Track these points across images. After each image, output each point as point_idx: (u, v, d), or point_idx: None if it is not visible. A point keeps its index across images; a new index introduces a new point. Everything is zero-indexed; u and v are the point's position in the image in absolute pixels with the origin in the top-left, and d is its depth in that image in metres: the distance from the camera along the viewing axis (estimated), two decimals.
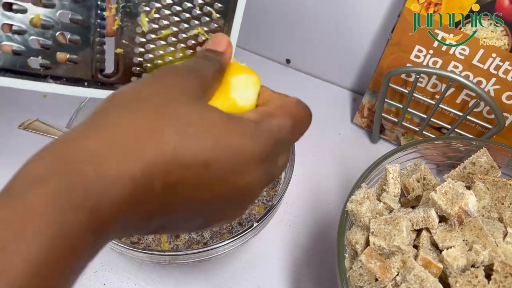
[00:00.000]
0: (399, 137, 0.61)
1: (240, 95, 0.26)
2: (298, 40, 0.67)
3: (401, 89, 0.53)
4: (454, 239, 0.35)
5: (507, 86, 0.47)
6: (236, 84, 0.26)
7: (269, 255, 0.50)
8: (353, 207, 0.37)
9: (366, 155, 0.54)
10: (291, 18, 0.64)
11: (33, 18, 0.26)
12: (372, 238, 0.35)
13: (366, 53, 0.63)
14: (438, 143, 0.45)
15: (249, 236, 0.42)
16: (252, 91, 0.27)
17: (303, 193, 0.55)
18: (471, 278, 0.32)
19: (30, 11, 0.26)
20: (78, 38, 0.27)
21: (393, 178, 0.40)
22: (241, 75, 0.27)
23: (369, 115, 0.62)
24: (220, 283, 0.48)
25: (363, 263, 0.34)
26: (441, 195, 0.35)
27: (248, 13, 0.69)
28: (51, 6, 0.26)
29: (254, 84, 0.27)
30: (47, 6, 0.26)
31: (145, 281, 0.48)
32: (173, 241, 0.45)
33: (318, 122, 0.63)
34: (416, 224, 0.36)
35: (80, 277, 0.17)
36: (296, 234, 0.52)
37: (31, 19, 0.26)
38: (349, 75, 0.67)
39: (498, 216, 0.38)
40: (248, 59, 0.75)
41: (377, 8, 0.56)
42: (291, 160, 0.46)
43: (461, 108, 0.52)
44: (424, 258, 0.34)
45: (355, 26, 0.60)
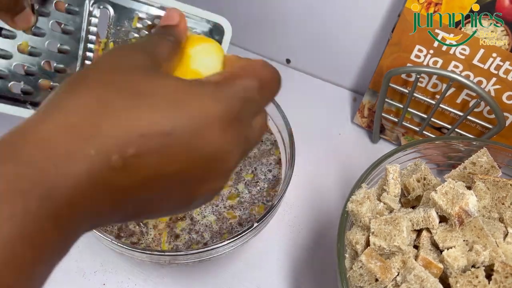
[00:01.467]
0: (399, 137, 0.61)
1: (203, 65, 0.25)
2: (298, 40, 0.67)
3: (401, 89, 0.53)
4: (454, 239, 0.35)
5: (507, 86, 0.47)
6: (196, 54, 0.25)
7: (269, 255, 0.50)
8: (353, 207, 0.37)
9: (366, 155, 0.54)
10: (291, 18, 0.64)
11: (21, 44, 0.26)
12: (372, 238, 0.35)
13: (366, 53, 0.63)
14: (439, 143, 0.44)
15: (249, 236, 0.42)
16: (215, 58, 0.26)
17: (303, 193, 0.55)
18: (472, 279, 0.32)
19: (19, 37, 0.26)
20: (63, 67, 0.27)
21: (393, 178, 0.40)
22: (200, 44, 0.26)
23: (369, 115, 0.62)
24: (220, 283, 0.48)
25: (363, 263, 0.34)
26: (441, 195, 0.35)
27: (248, 13, 0.69)
28: (41, 35, 0.26)
29: (216, 52, 0.26)
30: (37, 35, 0.26)
31: (145, 281, 0.48)
32: (173, 241, 0.45)
33: (318, 122, 0.64)
34: (417, 224, 0.36)
35: (80, 277, 0.17)
36: (296, 234, 0.52)
37: (19, 45, 0.26)
38: (349, 75, 0.67)
39: (498, 216, 0.38)
40: None
41: (377, 8, 0.56)
42: (291, 160, 0.46)
43: (462, 108, 0.52)
44: (425, 258, 0.34)
45: (355, 26, 0.60)
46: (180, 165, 0.19)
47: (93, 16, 0.27)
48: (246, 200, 0.48)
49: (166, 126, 0.18)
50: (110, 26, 0.27)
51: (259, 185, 0.49)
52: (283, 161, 0.51)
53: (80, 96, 0.18)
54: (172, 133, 0.18)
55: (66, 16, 0.27)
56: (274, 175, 0.50)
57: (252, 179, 0.50)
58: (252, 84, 0.21)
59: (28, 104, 0.27)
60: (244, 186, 0.49)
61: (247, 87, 0.21)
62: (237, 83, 0.21)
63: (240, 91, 0.21)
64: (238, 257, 0.50)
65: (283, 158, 0.51)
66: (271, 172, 0.50)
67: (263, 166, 0.51)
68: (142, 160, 0.18)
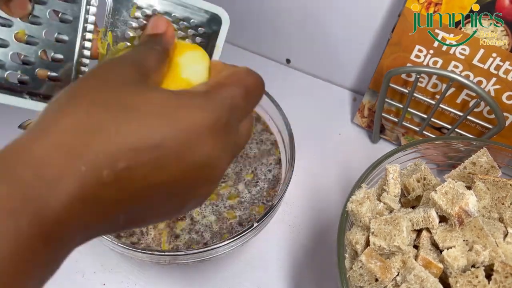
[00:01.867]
0: (399, 137, 0.61)
1: (193, 73, 0.26)
2: (298, 40, 0.67)
3: (401, 89, 0.53)
4: (454, 239, 0.35)
5: (507, 86, 0.47)
6: (185, 62, 0.26)
7: (269, 255, 0.50)
8: (353, 207, 0.37)
9: (366, 155, 0.54)
10: (291, 18, 0.64)
11: (18, 33, 0.26)
12: (372, 238, 0.35)
13: (366, 53, 0.63)
14: (438, 143, 0.44)
15: (249, 236, 0.42)
16: (203, 66, 0.26)
17: (303, 193, 0.55)
18: (472, 278, 0.32)
19: (15, 26, 0.26)
20: (61, 57, 0.27)
21: (393, 178, 0.40)
22: (188, 52, 0.26)
23: (369, 115, 0.62)
24: (220, 283, 0.48)
25: (363, 263, 0.34)
26: (441, 195, 0.35)
27: (248, 13, 0.69)
28: (38, 24, 0.26)
29: (203, 59, 0.27)
30: (34, 23, 0.26)
31: (145, 281, 0.48)
32: (173, 241, 0.45)
33: (318, 122, 0.64)
34: (417, 224, 0.36)
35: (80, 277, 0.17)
36: (296, 234, 0.52)
37: (16, 34, 0.26)
38: (349, 75, 0.67)
39: (498, 216, 0.38)
40: (248, 59, 0.75)
41: (377, 8, 0.56)
42: (291, 160, 0.46)
43: (461, 108, 0.52)
44: (425, 258, 0.34)
45: (355, 26, 0.60)
46: (171, 176, 0.19)
47: (91, 5, 0.27)
48: (246, 200, 0.48)
49: (155, 139, 0.18)
50: (108, 15, 0.27)
51: (259, 185, 0.49)
52: (283, 161, 0.51)
53: (70, 114, 0.18)
54: (161, 145, 0.18)
55: (63, 4, 0.26)
56: (274, 175, 0.50)
57: (252, 179, 0.50)
58: (237, 92, 0.22)
59: (25, 94, 0.26)
60: (244, 186, 0.49)
61: (233, 95, 0.22)
62: (223, 92, 0.22)
63: (226, 99, 0.21)
64: (238, 257, 0.50)
65: (283, 158, 0.51)
66: (271, 172, 0.50)
67: (263, 166, 0.51)
68: (133, 173, 0.18)
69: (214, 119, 0.20)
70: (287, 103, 0.49)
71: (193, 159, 0.20)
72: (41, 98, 0.27)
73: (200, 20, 0.28)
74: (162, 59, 0.24)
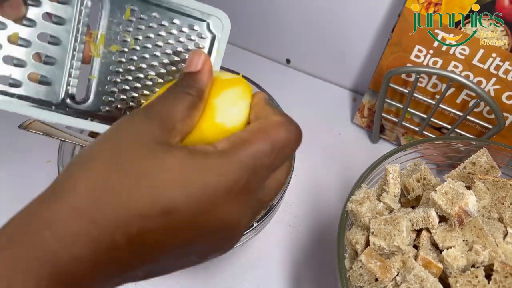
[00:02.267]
0: (399, 137, 0.61)
1: (228, 117, 0.24)
2: (298, 40, 0.67)
3: (401, 89, 0.53)
4: (454, 239, 0.35)
5: (507, 86, 0.47)
6: (221, 105, 0.24)
7: (269, 255, 0.50)
8: (353, 207, 0.37)
9: (366, 155, 0.54)
10: (291, 18, 0.64)
11: (11, 35, 0.25)
12: (372, 238, 0.35)
13: (366, 53, 0.63)
14: (438, 143, 0.44)
15: (249, 236, 0.42)
16: (241, 107, 0.24)
17: (303, 193, 0.55)
18: (471, 278, 0.32)
19: (9, 28, 0.25)
20: (53, 60, 0.27)
21: (393, 178, 0.40)
22: (225, 91, 0.24)
23: (369, 115, 0.62)
24: (220, 283, 0.48)
25: (363, 263, 0.34)
26: (441, 195, 0.35)
27: (248, 13, 0.69)
28: (31, 26, 0.26)
29: (242, 98, 0.25)
30: (28, 26, 0.26)
31: (145, 281, 0.48)
32: None
33: (318, 122, 0.64)
34: (416, 224, 0.36)
35: None
36: (296, 234, 0.52)
37: (9, 36, 0.25)
38: (349, 75, 0.67)
39: (498, 216, 0.38)
40: (248, 59, 0.75)
41: (377, 8, 0.56)
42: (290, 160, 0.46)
43: (461, 108, 0.52)
44: (424, 258, 0.34)
45: (355, 26, 0.60)
46: (183, 240, 0.19)
47: (85, 7, 0.27)
48: None
49: (166, 205, 0.18)
50: (101, 17, 0.27)
51: None
52: None
53: (88, 178, 0.19)
54: (172, 211, 0.18)
55: (57, 6, 0.26)
56: None
57: None
58: (262, 150, 0.21)
59: (15, 97, 0.26)
60: None
61: (258, 155, 0.20)
62: (245, 151, 0.20)
63: (248, 160, 0.20)
64: (238, 257, 0.50)
65: None
66: None
67: None
68: (145, 237, 0.18)
69: (230, 181, 0.19)
70: (287, 103, 0.49)
71: (208, 223, 0.19)
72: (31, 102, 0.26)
73: (200, 23, 0.28)
74: (194, 105, 0.23)
